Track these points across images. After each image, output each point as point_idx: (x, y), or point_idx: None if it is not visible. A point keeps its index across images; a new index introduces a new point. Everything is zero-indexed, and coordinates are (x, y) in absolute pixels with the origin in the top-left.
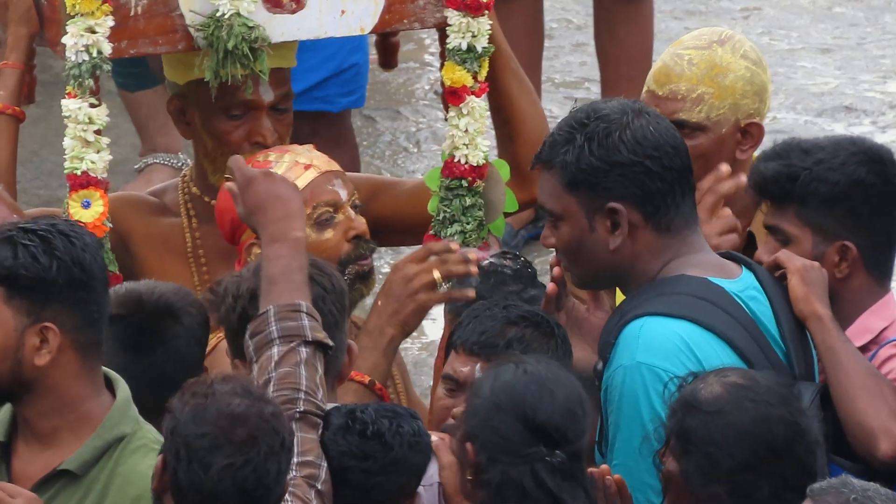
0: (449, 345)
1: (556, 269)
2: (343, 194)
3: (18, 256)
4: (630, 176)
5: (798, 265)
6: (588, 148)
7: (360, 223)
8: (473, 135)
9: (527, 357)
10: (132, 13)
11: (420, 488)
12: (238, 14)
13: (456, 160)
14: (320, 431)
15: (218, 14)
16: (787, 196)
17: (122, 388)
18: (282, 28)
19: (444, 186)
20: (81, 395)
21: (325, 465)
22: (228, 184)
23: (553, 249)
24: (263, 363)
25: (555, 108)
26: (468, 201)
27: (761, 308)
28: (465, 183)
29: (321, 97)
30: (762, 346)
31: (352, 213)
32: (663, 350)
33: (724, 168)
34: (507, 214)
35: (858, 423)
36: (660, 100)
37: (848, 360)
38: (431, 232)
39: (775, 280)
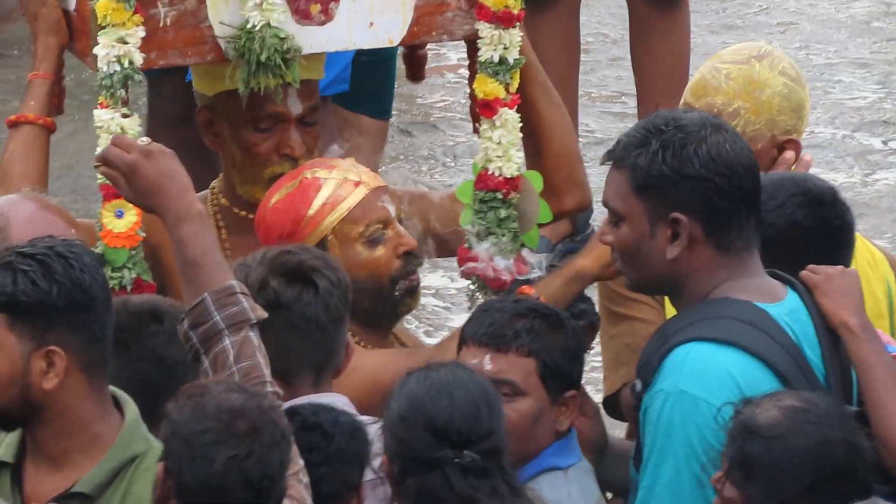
0: (461, 341)
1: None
2: (391, 210)
3: (18, 282)
4: (699, 190)
5: (818, 278)
6: (662, 155)
7: (410, 239)
8: (507, 147)
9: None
10: (161, 24)
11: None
12: (269, 25)
13: (490, 172)
14: None
15: (249, 25)
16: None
17: (131, 407)
18: (311, 39)
19: (479, 199)
20: (91, 416)
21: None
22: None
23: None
24: (218, 357)
25: (591, 123)
26: (503, 213)
27: (805, 330)
28: (499, 195)
29: None
30: (804, 370)
31: (400, 228)
32: (708, 380)
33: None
34: (540, 225)
35: (894, 442)
36: None
37: (885, 376)
38: (466, 245)
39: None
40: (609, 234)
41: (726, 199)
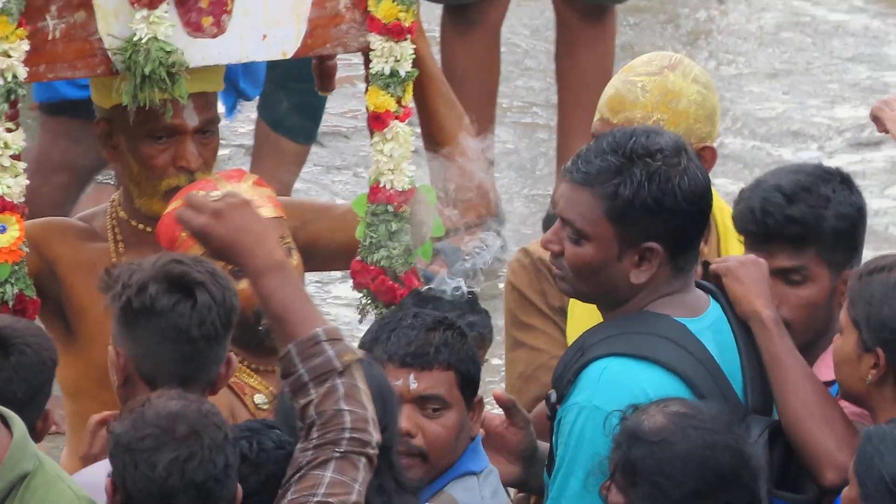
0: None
1: (501, 395)
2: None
3: None
4: (675, 221)
5: (731, 264)
6: (647, 188)
7: None
8: (399, 160)
9: None
10: (50, 37)
11: None
12: (156, 38)
13: (381, 185)
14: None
15: (135, 38)
16: (808, 237)
17: (18, 424)
18: (202, 53)
19: (371, 212)
20: None
21: (354, 501)
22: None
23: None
24: (304, 407)
25: (503, 133)
26: (394, 227)
27: (725, 340)
28: (390, 208)
29: None
30: (720, 384)
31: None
32: (621, 398)
33: None
34: (435, 239)
35: (805, 446)
36: (615, 128)
37: (795, 377)
38: (359, 258)
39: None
40: (558, 244)
41: (694, 228)
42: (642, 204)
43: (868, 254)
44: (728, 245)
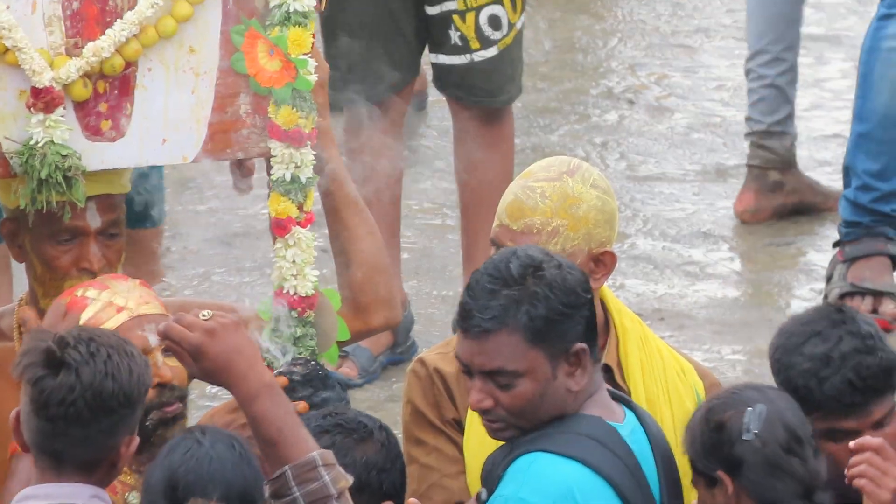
0: None
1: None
2: (153, 340)
3: None
4: (585, 315)
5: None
6: (555, 296)
7: (165, 371)
8: (301, 265)
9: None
10: None
11: None
12: (52, 142)
13: (285, 291)
14: None
15: (32, 142)
16: (889, 386)
17: None
18: (101, 156)
19: (275, 317)
20: None
21: None
22: (167, 343)
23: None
24: None
25: (413, 235)
26: (299, 332)
27: (642, 448)
28: (294, 313)
29: None
30: (643, 489)
31: (160, 359)
32: (547, 492)
33: None
34: (340, 343)
35: None
36: (515, 234)
37: None
38: (266, 362)
39: (653, 420)
40: (488, 398)
41: (594, 318)
42: (558, 314)
43: None
44: (627, 348)
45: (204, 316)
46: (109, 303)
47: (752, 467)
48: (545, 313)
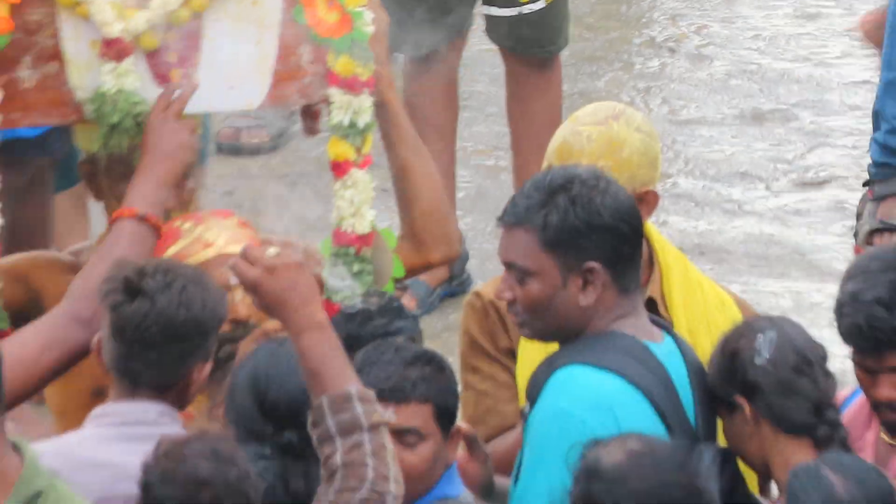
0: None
1: (464, 427)
2: (234, 279)
3: None
4: (608, 239)
5: None
6: (573, 210)
7: (241, 309)
8: (359, 205)
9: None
10: (24, 87)
11: None
12: (122, 90)
13: (343, 229)
14: None
15: (103, 90)
16: None
17: (28, 448)
18: None
19: (333, 254)
20: None
21: None
22: (234, 280)
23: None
24: (329, 458)
25: (468, 175)
26: (356, 268)
27: (678, 371)
28: (352, 251)
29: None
30: (675, 405)
31: (238, 296)
32: (585, 401)
33: None
34: (396, 280)
35: None
36: None
37: None
38: (324, 297)
39: (690, 347)
40: (510, 291)
41: (627, 245)
42: (571, 227)
43: (811, 286)
44: (670, 282)
45: (270, 254)
46: (199, 238)
47: (766, 390)
48: (558, 223)
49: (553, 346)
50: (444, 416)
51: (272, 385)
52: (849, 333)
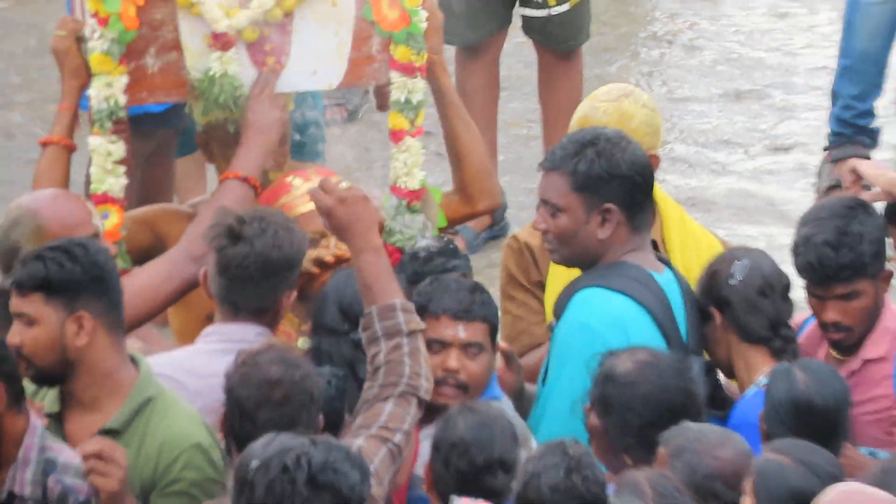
0: (423, 312)
1: (502, 345)
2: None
3: (48, 267)
4: (624, 186)
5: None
6: (598, 161)
7: (334, 251)
8: (411, 167)
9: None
10: (150, 71)
11: None
12: (226, 74)
13: (398, 185)
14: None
15: (210, 73)
16: (855, 272)
17: (143, 361)
18: None
19: (391, 205)
20: (114, 367)
21: (406, 430)
22: (312, 205)
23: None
24: (375, 356)
25: (505, 142)
26: (408, 217)
27: (675, 298)
28: (404, 203)
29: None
30: (672, 322)
31: (332, 241)
32: (602, 316)
33: None
34: (441, 229)
35: None
36: None
37: None
38: (405, 237)
39: (684, 277)
40: (544, 222)
41: (640, 192)
42: (596, 174)
43: (781, 231)
44: (669, 228)
45: (343, 186)
46: (304, 193)
47: (735, 305)
48: (586, 170)
49: (576, 274)
50: (494, 333)
51: (347, 294)
52: (802, 269)
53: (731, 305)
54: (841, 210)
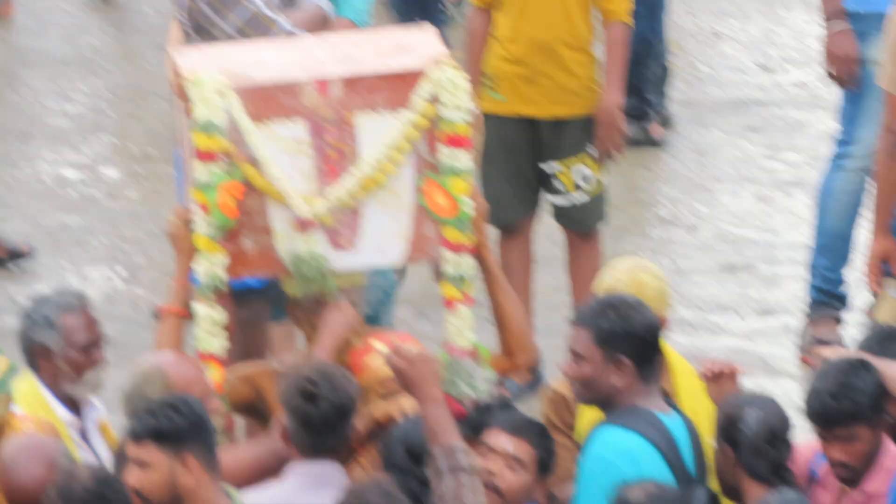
0: (484, 425)
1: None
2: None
3: (159, 419)
4: (637, 343)
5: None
6: (618, 323)
7: (399, 411)
8: (461, 329)
9: None
10: (246, 252)
11: None
12: (311, 252)
13: (451, 344)
14: None
15: (298, 253)
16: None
17: (235, 494)
18: (342, 261)
19: (447, 361)
20: (217, 502)
21: None
22: (385, 361)
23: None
24: (437, 487)
25: (536, 306)
26: (464, 373)
27: (681, 436)
28: (458, 359)
29: None
30: (678, 458)
31: (399, 402)
32: (616, 450)
33: None
34: (490, 381)
35: None
36: None
37: None
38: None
39: (691, 420)
40: (570, 370)
41: (651, 349)
42: (615, 333)
43: (769, 382)
44: (678, 380)
45: (411, 350)
46: (383, 354)
47: (745, 450)
48: (608, 328)
49: (600, 417)
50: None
51: (412, 438)
52: (810, 415)
53: (742, 449)
54: (845, 366)
